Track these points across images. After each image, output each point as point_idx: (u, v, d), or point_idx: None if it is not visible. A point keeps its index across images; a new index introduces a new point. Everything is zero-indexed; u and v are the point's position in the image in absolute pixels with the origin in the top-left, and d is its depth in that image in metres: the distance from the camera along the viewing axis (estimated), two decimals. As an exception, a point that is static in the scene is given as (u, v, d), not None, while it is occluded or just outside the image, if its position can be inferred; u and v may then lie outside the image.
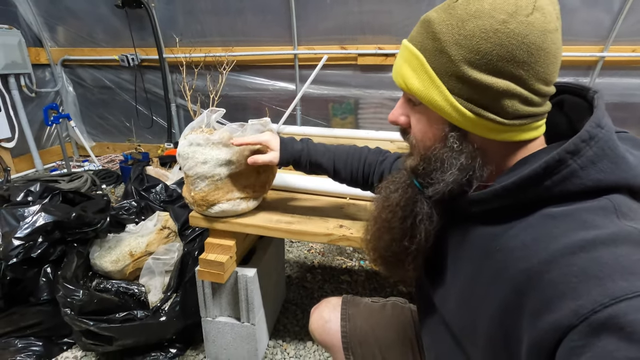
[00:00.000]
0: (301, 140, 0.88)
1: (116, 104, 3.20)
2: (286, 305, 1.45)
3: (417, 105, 0.49)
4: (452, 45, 0.42)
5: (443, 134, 0.46)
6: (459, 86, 0.43)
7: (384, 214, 0.55)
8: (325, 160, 0.85)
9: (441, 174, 0.47)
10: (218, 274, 0.98)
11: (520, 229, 0.41)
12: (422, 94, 0.46)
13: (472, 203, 0.47)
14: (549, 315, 0.34)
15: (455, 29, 0.42)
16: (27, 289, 1.13)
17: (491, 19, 0.40)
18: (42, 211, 1.13)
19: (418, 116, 0.49)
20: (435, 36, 0.44)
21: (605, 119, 0.40)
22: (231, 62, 2.70)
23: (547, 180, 0.40)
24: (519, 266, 0.39)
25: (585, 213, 0.38)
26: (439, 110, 0.45)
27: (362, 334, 0.78)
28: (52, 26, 2.96)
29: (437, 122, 0.47)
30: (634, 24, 2.27)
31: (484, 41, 0.41)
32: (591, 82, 2.47)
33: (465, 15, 0.42)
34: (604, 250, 0.34)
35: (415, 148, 0.51)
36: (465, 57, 0.42)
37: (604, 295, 0.31)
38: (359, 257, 1.81)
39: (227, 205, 0.93)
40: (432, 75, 0.44)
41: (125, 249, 1.30)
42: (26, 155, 2.89)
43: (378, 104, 2.74)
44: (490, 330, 0.42)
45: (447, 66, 0.43)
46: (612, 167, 0.39)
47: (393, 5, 2.43)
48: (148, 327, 1.08)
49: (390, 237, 0.55)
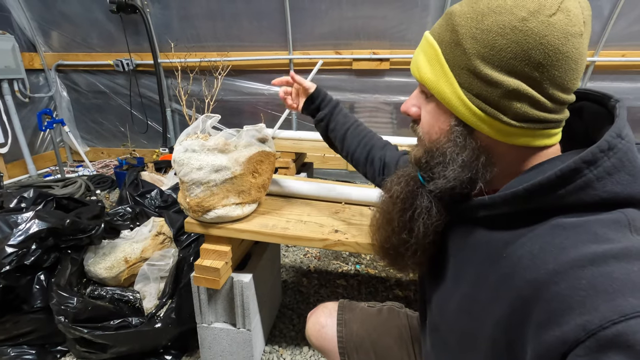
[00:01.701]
0: (333, 97, 0.94)
1: (111, 108, 3.19)
2: (282, 310, 1.45)
3: (429, 97, 0.49)
4: (468, 38, 0.42)
5: (448, 127, 0.46)
6: (470, 80, 0.42)
7: (385, 205, 0.57)
8: (344, 121, 0.89)
9: (443, 169, 0.46)
10: (214, 280, 0.98)
11: (529, 237, 0.40)
12: (432, 84, 0.45)
13: (479, 207, 0.46)
14: (555, 328, 0.33)
15: (474, 22, 0.42)
16: (20, 297, 1.12)
17: (511, 15, 0.39)
18: (35, 218, 1.12)
19: (428, 108, 0.49)
20: (454, 28, 0.43)
21: (627, 130, 0.39)
22: (226, 67, 2.71)
23: (560, 189, 0.38)
24: (526, 276, 0.38)
25: (597, 226, 0.37)
26: (447, 102, 0.45)
27: (358, 339, 0.78)
28: (46, 31, 2.95)
29: (444, 115, 0.46)
30: (624, 28, 2.31)
31: (500, 37, 0.40)
32: (582, 87, 2.49)
33: (486, 9, 0.41)
34: (615, 265, 0.33)
35: (421, 140, 0.51)
36: (479, 52, 0.41)
37: (613, 312, 0.30)
38: (355, 261, 1.81)
39: (222, 211, 0.93)
40: (444, 67, 0.44)
41: (120, 255, 1.30)
42: (19, 160, 2.87)
43: (373, 108, 2.76)
44: (493, 337, 0.41)
45: (460, 59, 0.43)
46: (629, 180, 0.37)
47: (387, 11, 2.45)
48: (143, 334, 1.08)
49: (390, 228, 0.55)
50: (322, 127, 0.92)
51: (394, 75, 2.65)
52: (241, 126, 0.98)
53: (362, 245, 0.90)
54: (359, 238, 0.91)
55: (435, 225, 0.51)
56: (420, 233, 0.51)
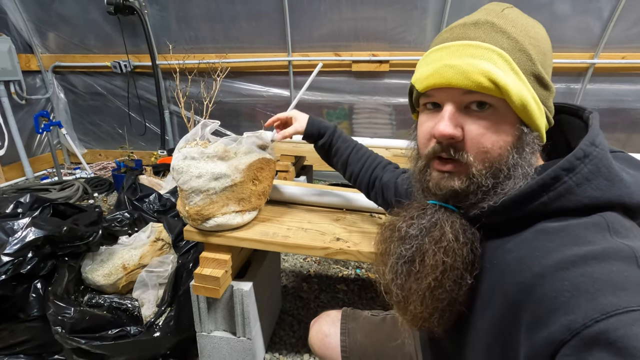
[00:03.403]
0: (328, 122, 0.93)
1: (108, 110, 3.17)
2: (282, 316, 1.43)
3: (484, 110, 0.43)
4: (529, 45, 0.43)
5: (516, 135, 0.43)
6: (535, 85, 0.44)
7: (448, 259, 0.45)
8: (345, 146, 0.89)
9: (513, 182, 0.43)
10: (214, 289, 0.96)
11: (516, 243, 0.42)
12: (516, 93, 0.41)
13: (471, 219, 0.47)
14: (543, 330, 0.35)
15: (523, 31, 0.43)
16: (17, 305, 1.10)
17: (538, 28, 0.45)
18: (32, 225, 1.10)
19: (484, 123, 0.43)
20: (509, 36, 0.42)
21: (600, 138, 0.41)
22: (225, 68, 2.69)
23: (543, 196, 0.40)
24: (514, 280, 0.40)
25: (578, 229, 0.39)
26: (530, 110, 0.42)
27: (361, 348, 0.78)
28: (43, 32, 2.93)
29: (507, 125, 0.43)
30: (624, 31, 2.31)
31: (543, 44, 0.44)
32: (582, 89, 2.50)
33: (520, 22, 0.44)
34: (595, 265, 0.34)
35: (470, 165, 0.43)
36: (538, 58, 0.43)
37: (595, 310, 0.32)
38: (355, 265, 1.80)
39: (222, 219, 0.92)
40: (520, 74, 0.42)
41: (118, 261, 1.28)
42: (16, 163, 2.84)
43: (372, 110, 2.75)
44: (487, 342, 0.43)
45: (527, 64, 0.43)
46: (607, 185, 0.40)
47: (387, 13, 2.44)
48: (142, 344, 1.06)
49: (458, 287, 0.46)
50: (322, 153, 0.93)
51: (394, 77, 2.63)
52: (240, 128, 0.96)
53: (364, 254, 0.89)
54: (360, 246, 0.90)
55: None
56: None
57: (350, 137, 0.92)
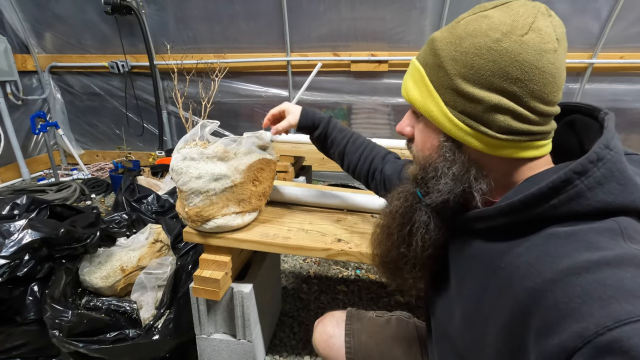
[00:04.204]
0: (323, 113, 0.91)
1: (106, 111, 3.15)
2: (282, 317, 1.42)
3: (419, 117, 0.52)
4: (448, 60, 0.45)
5: (438, 143, 0.49)
6: (454, 98, 0.45)
7: (385, 220, 0.59)
8: (341, 137, 0.88)
9: (436, 183, 0.49)
10: (213, 291, 0.95)
11: (526, 247, 0.41)
12: (420, 104, 0.49)
13: (477, 219, 0.47)
14: (554, 336, 0.34)
15: (452, 45, 0.45)
16: (13, 308, 1.09)
17: (486, 37, 0.43)
18: (28, 227, 1.08)
19: (419, 127, 0.53)
20: (435, 52, 0.47)
21: (615, 141, 0.40)
22: (223, 68, 2.68)
23: (553, 199, 0.40)
24: (524, 284, 0.39)
25: (591, 234, 0.38)
26: (434, 119, 0.48)
27: (366, 350, 0.78)
28: (39, 32, 2.90)
29: (434, 132, 0.50)
30: (622, 30, 2.31)
31: (477, 57, 0.43)
32: (580, 89, 2.51)
33: (463, 33, 0.44)
34: (608, 272, 0.34)
35: (416, 157, 0.54)
36: (459, 72, 0.44)
37: (608, 318, 0.31)
38: (355, 266, 1.79)
39: (222, 220, 0.91)
40: (429, 88, 0.47)
41: (116, 263, 1.26)
42: (12, 164, 2.82)
43: (371, 109, 2.75)
44: (497, 345, 0.42)
45: (443, 79, 0.46)
46: (620, 189, 0.39)
47: (386, 13, 2.43)
48: (140, 347, 1.05)
49: (390, 242, 0.57)
50: (319, 144, 0.93)
51: (392, 77, 2.63)
52: (238, 128, 0.96)
53: (366, 255, 0.88)
54: (362, 247, 0.89)
55: (433, 240, 0.53)
56: (418, 247, 0.53)
57: (347, 127, 0.92)
